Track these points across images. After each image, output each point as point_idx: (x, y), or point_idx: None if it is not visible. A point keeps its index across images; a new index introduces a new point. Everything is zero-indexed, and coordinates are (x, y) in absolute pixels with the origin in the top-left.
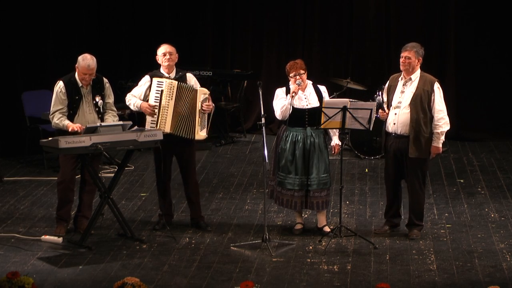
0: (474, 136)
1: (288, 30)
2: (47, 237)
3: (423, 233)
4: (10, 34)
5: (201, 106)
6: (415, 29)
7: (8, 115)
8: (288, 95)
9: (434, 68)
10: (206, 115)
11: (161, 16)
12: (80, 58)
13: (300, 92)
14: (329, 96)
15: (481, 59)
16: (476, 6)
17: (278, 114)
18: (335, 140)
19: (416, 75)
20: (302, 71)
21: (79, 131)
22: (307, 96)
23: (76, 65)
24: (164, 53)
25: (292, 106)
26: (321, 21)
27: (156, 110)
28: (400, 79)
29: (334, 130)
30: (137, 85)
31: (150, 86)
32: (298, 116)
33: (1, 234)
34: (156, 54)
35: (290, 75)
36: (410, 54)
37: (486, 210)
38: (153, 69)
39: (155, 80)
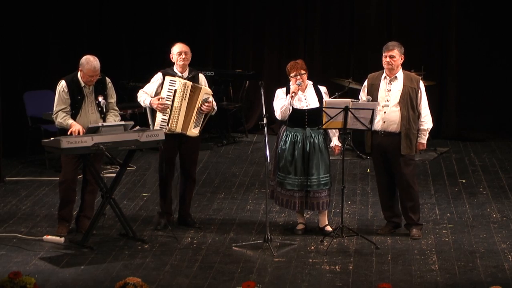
0: (476, 136)
1: (289, 30)
2: (49, 237)
3: (425, 233)
4: (12, 34)
5: (201, 105)
6: (417, 30)
7: (9, 115)
8: (288, 95)
9: (435, 68)
10: (203, 115)
11: (162, 16)
12: (83, 61)
13: (300, 92)
14: (331, 96)
15: (482, 59)
16: (478, 6)
17: (277, 114)
18: (335, 141)
19: (400, 73)
20: (302, 71)
21: (76, 134)
22: (307, 97)
23: (80, 68)
24: (179, 52)
25: (292, 107)
26: (323, 21)
27: (168, 108)
28: (383, 78)
29: (334, 130)
30: (149, 81)
31: (162, 84)
32: (298, 117)
33: (3, 234)
34: (170, 52)
35: (291, 75)
36: (394, 53)
37: (488, 210)
38: (155, 68)
39: (167, 78)
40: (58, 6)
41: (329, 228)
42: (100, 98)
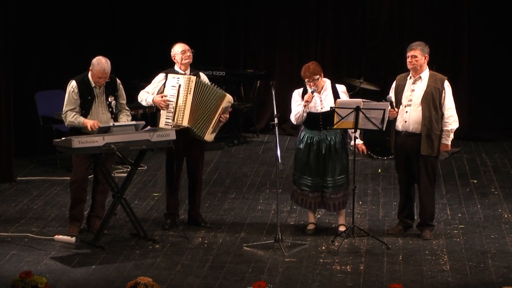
0: (488, 137)
1: (301, 30)
2: (60, 236)
3: (436, 233)
4: (24, 34)
5: (221, 115)
6: (428, 29)
7: (21, 115)
8: (303, 101)
9: (447, 68)
10: (221, 123)
11: (174, 16)
12: (94, 61)
13: (316, 94)
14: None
15: (494, 59)
16: (490, 5)
17: (292, 119)
18: (356, 140)
19: (426, 73)
20: (316, 76)
21: (96, 127)
22: (322, 100)
23: (91, 68)
24: (183, 50)
25: (307, 113)
26: (334, 21)
27: (171, 104)
28: (408, 78)
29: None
30: (150, 83)
31: (164, 83)
32: (313, 119)
33: (14, 233)
34: (171, 53)
35: (306, 81)
36: (416, 53)
37: (500, 210)
38: (166, 68)
39: (170, 76)
40: (70, 6)
41: (342, 228)
42: (111, 99)
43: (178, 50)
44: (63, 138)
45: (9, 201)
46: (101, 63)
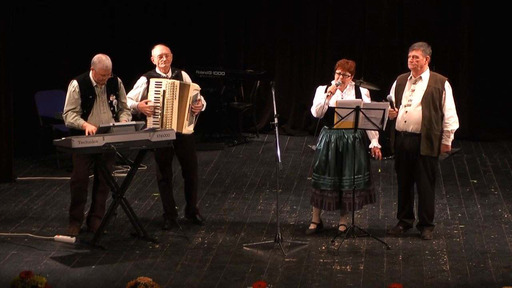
0: (488, 137)
1: (301, 30)
2: (60, 236)
3: (436, 233)
4: (24, 34)
5: (192, 104)
6: (428, 29)
7: (21, 115)
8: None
9: (447, 68)
10: (194, 113)
11: (174, 16)
12: (95, 59)
13: (339, 92)
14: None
15: (495, 59)
16: (490, 6)
17: (313, 111)
18: (374, 143)
19: (426, 74)
20: (348, 73)
21: (92, 134)
22: (344, 98)
23: (92, 67)
24: (160, 55)
25: (328, 106)
26: (334, 21)
27: (156, 110)
28: (409, 78)
29: (373, 132)
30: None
31: (147, 88)
32: (331, 113)
33: (14, 233)
34: (151, 55)
35: (336, 71)
36: (417, 53)
37: (500, 210)
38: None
39: (152, 80)
40: (70, 6)
41: (342, 228)
42: (112, 98)
43: (156, 54)
44: (63, 138)
45: (9, 201)
46: (102, 60)
